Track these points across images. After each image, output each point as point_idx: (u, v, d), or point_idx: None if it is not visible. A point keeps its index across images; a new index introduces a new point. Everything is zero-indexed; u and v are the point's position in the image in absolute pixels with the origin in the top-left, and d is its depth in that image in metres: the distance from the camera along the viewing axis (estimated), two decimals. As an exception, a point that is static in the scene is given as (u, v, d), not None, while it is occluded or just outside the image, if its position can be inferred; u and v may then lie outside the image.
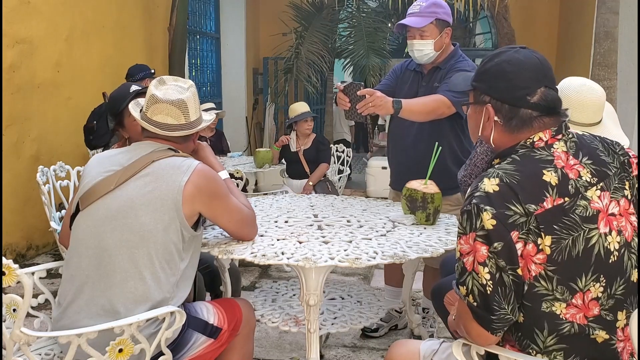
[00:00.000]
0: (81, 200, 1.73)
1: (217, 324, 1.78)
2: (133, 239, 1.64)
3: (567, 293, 1.30)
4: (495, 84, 1.41)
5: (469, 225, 1.31)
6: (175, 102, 1.76)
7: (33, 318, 1.81)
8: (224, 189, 1.82)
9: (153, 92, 1.77)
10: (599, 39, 4.64)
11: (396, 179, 2.88)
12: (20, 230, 4.02)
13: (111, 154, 1.83)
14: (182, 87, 1.82)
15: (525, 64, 1.38)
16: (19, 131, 4.00)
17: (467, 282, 1.32)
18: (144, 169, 1.70)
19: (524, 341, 1.35)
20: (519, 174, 1.32)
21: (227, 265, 2.39)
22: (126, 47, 5.26)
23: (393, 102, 2.41)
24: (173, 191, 1.66)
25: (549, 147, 1.37)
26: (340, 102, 2.44)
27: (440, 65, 2.66)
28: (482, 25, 10.96)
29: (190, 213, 1.69)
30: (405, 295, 2.53)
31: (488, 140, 1.46)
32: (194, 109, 1.81)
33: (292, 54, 7.05)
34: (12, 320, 1.44)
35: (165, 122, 1.77)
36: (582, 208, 1.31)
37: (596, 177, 1.36)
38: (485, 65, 1.44)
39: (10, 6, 3.80)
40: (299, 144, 4.61)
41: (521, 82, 1.37)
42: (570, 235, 1.29)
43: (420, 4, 2.59)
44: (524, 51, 1.41)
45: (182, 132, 1.79)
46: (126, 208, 1.66)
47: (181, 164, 1.72)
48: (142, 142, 1.81)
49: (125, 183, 1.69)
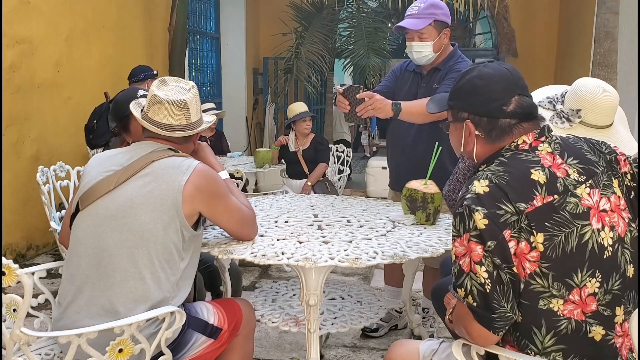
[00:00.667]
0: (81, 200, 1.73)
1: (217, 324, 1.78)
2: (133, 239, 1.64)
3: (564, 289, 1.32)
4: (470, 99, 1.46)
5: (462, 227, 1.33)
6: (177, 102, 1.76)
7: (33, 318, 1.81)
8: (224, 188, 1.82)
9: (155, 92, 1.77)
10: (599, 39, 4.65)
11: (395, 179, 2.88)
12: (20, 230, 4.02)
13: (111, 154, 1.83)
14: (183, 88, 1.82)
15: (494, 77, 1.44)
16: (19, 131, 4.00)
17: (465, 283, 1.33)
18: (144, 168, 1.70)
19: (522, 341, 1.36)
20: (508, 175, 1.35)
21: (227, 265, 2.39)
22: (126, 47, 5.27)
23: (392, 105, 2.41)
24: (173, 191, 1.66)
25: (534, 149, 1.41)
26: (340, 105, 2.43)
27: (439, 66, 2.65)
28: (482, 25, 10.97)
29: (190, 213, 1.69)
30: (405, 295, 2.53)
31: (471, 155, 1.50)
32: (195, 110, 1.81)
33: (292, 54, 7.05)
34: (12, 320, 1.44)
35: (166, 122, 1.77)
36: (573, 205, 1.34)
37: (584, 175, 1.39)
38: (458, 83, 1.51)
39: (10, 6, 3.81)
40: (298, 144, 4.61)
41: (494, 94, 1.43)
42: (562, 232, 1.32)
43: (418, 5, 2.58)
44: (492, 65, 1.48)
45: (183, 132, 1.79)
46: (126, 208, 1.66)
47: (181, 164, 1.72)
48: (142, 142, 1.81)
49: (125, 183, 1.69)
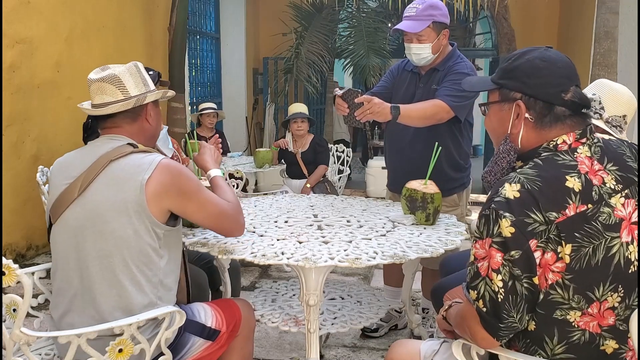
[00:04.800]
0: (51, 214, 1.68)
1: (215, 326, 1.76)
2: (106, 247, 1.59)
3: (584, 302, 1.27)
4: (528, 80, 1.37)
5: (486, 230, 1.29)
6: (106, 77, 1.67)
7: (33, 318, 1.81)
8: (194, 183, 1.70)
9: (89, 77, 1.70)
10: (599, 39, 4.65)
11: (393, 180, 2.88)
12: (20, 230, 4.02)
13: (69, 159, 1.74)
14: (117, 65, 1.71)
15: (558, 62, 1.36)
16: (19, 131, 4.00)
17: (479, 286, 1.30)
18: (103, 171, 1.62)
19: (531, 347, 1.33)
20: (541, 180, 1.28)
21: (226, 265, 2.39)
22: (126, 47, 5.26)
23: (391, 109, 2.39)
24: (135, 192, 1.58)
25: (573, 151, 1.33)
26: (339, 108, 2.42)
27: (438, 66, 2.64)
28: (482, 25, 10.96)
29: (159, 211, 1.62)
30: (405, 296, 2.53)
31: (516, 138, 1.41)
32: (134, 83, 1.70)
33: (292, 54, 7.05)
34: (12, 320, 1.45)
35: (102, 101, 1.68)
36: (606, 215, 1.27)
37: (621, 184, 1.31)
38: (514, 62, 1.40)
39: (10, 6, 3.80)
40: (297, 146, 4.59)
41: (555, 79, 1.35)
42: (592, 244, 1.25)
43: (416, 6, 2.55)
44: (553, 50, 1.39)
45: (118, 106, 1.68)
46: (94, 216, 1.60)
47: (142, 162, 1.62)
48: (98, 140, 1.73)
49: (87, 188, 1.61)
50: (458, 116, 2.53)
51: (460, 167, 2.74)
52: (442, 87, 2.54)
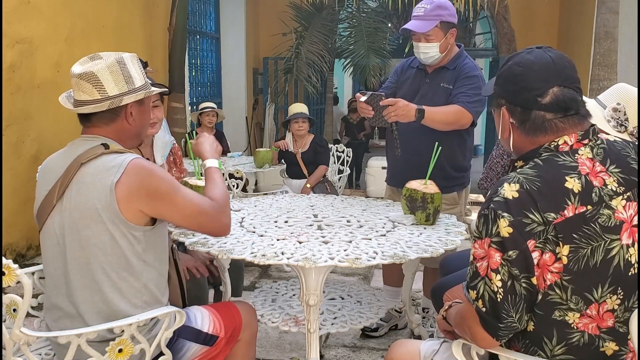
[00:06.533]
0: (37, 221, 1.63)
1: (212, 331, 1.71)
2: (84, 255, 1.53)
3: (582, 303, 1.27)
4: (507, 87, 1.39)
5: (485, 230, 1.29)
6: (83, 75, 1.55)
7: (33, 318, 1.81)
8: (166, 183, 1.58)
9: (72, 68, 1.60)
10: (599, 39, 4.65)
11: (393, 174, 2.89)
12: (20, 230, 4.02)
13: (49, 164, 1.67)
14: (98, 58, 1.60)
15: (534, 65, 1.34)
16: (19, 131, 4.00)
17: (479, 286, 1.30)
18: (75, 175, 1.54)
19: (531, 348, 1.33)
20: (540, 180, 1.27)
21: (226, 265, 2.38)
22: (126, 47, 5.26)
23: (416, 112, 2.44)
24: (105, 197, 1.50)
25: (574, 152, 1.32)
26: (363, 111, 2.48)
27: (447, 65, 2.67)
28: (482, 25, 10.96)
29: (133, 215, 1.53)
30: (405, 295, 2.53)
31: (507, 143, 1.42)
32: (114, 82, 1.57)
33: (292, 54, 7.05)
34: (12, 320, 1.44)
35: (79, 98, 1.58)
36: (605, 217, 1.26)
37: (623, 187, 1.29)
38: (501, 68, 1.43)
39: (10, 6, 3.80)
40: (297, 146, 4.60)
41: (529, 84, 1.33)
42: (590, 245, 1.25)
43: (424, 6, 2.59)
44: (537, 51, 1.37)
45: (92, 107, 1.57)
46: (70, 224, 1.54)
47: (112, 164, 1.53)
48: (75, 141, 1.65)
49: (64, 195, 1.55)
50: (475, 122, 2.60)
51: (461, 167, 2.76)
52: (460, 94, 2.56)
